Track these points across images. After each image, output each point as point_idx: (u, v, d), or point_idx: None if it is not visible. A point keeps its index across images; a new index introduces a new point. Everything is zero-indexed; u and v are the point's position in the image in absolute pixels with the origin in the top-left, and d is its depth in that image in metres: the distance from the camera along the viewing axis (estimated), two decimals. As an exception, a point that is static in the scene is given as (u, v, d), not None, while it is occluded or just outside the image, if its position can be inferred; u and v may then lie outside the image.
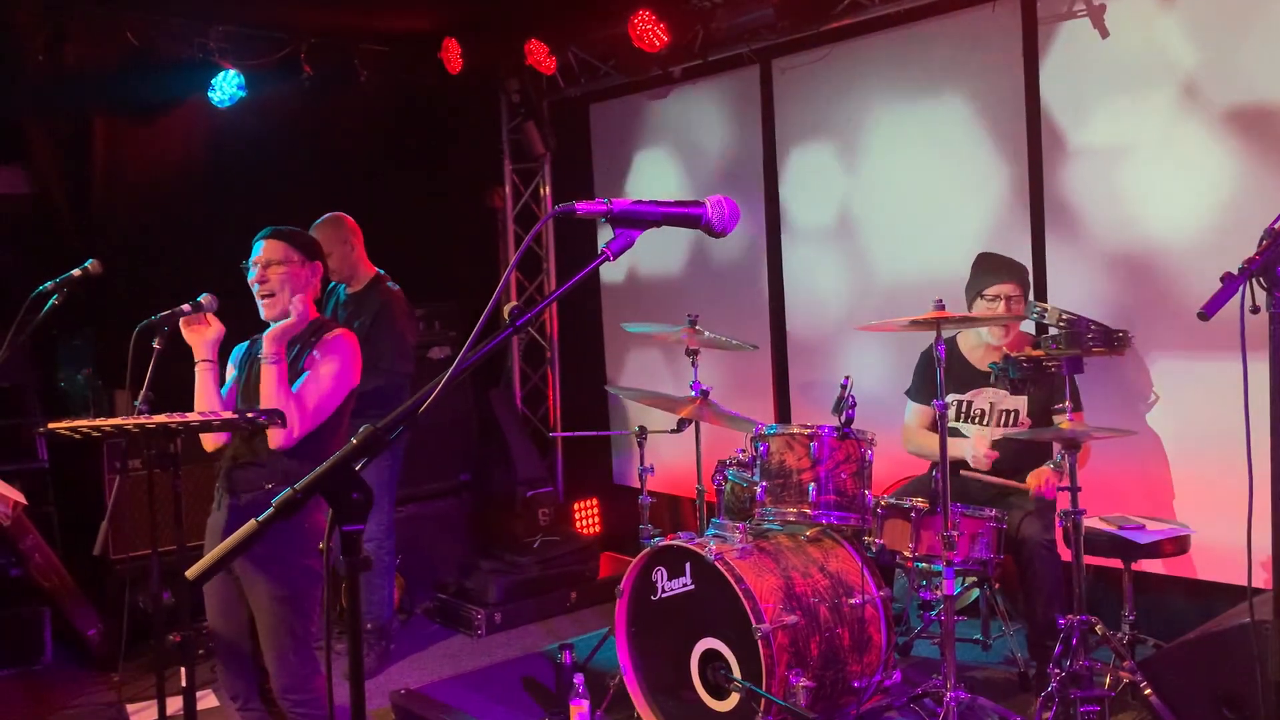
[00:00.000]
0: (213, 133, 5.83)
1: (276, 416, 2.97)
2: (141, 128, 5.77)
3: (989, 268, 4.19)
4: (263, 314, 3.19)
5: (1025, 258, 4.49)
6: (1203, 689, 3.35)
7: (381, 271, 4.88)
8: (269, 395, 3.02)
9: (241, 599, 3.18)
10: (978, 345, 4.26)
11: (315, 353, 3.14)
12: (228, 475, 3.20)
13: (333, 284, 4.87)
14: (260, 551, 3.04)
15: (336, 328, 3.24)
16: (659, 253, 6.31)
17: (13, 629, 4.86)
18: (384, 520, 4.87)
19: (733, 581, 3.38)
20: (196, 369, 3.17)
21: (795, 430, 3.72)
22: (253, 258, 3.18)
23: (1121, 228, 4.33)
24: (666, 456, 5.70)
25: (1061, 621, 3.54)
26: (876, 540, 3.70)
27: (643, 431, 4.46)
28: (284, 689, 3.14)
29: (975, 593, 4.65)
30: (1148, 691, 3.47)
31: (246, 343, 3.34)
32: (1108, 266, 4.36)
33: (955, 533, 3.50)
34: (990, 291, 4.10)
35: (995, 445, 4.08)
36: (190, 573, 1.50)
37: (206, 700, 4.50)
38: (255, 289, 3.17)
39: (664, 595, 3.67)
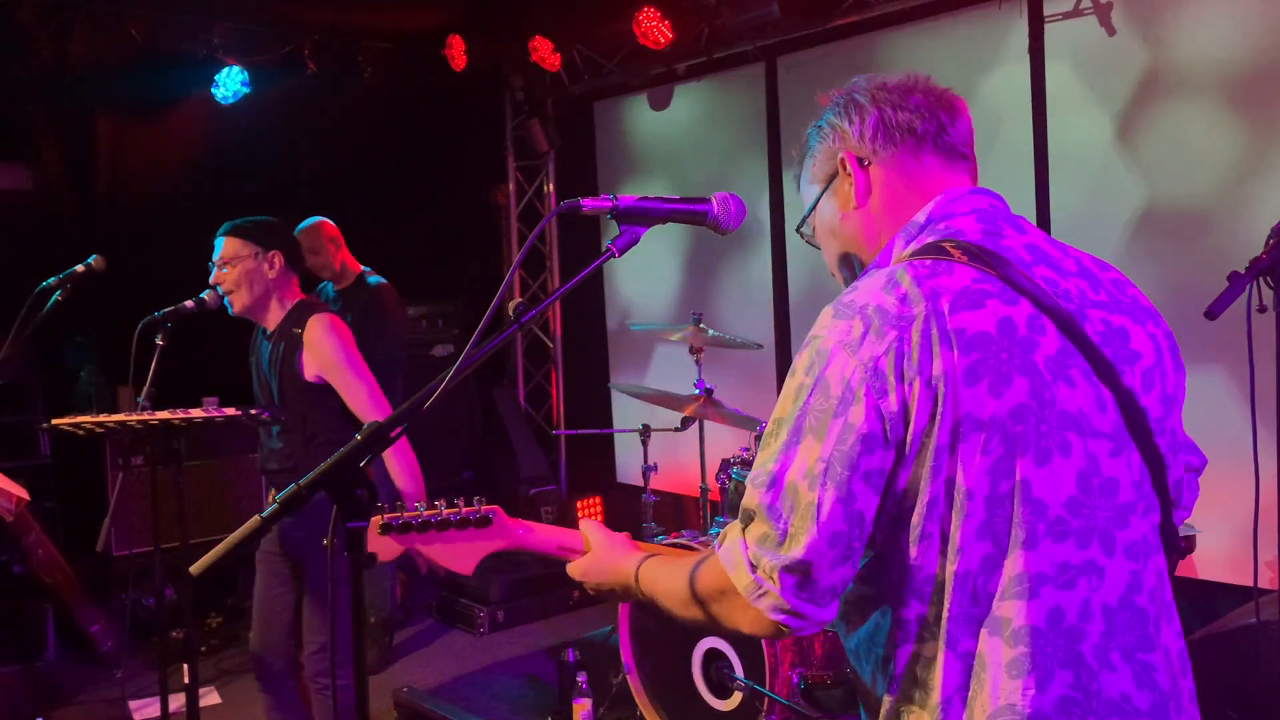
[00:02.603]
0: (216, 129, 5.83)
1: (280, 413, 2.97)
2: (145, 124, 5.77)
3: None
4: (230, 310, 3.21)
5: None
6: (1208, 690, 3.33)
7: (366, 269, 4.95)
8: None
9: (290, 582, 3.21)
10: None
11: (303, 355, 3.10)
12: (270, 474, 3.25)
13: (321, 284, 4.96)
14: (311, 538, 3.07)
15: (314, 314, 3.17)
16: (663, 250, 6.30)
17: (15, 625, 4.86)
18: None
19: (736, 580, 3.37)
20: None
21: (799, 429, 3.70)
22: (214, 257, 3.19)
23: (1126, 225, 4.32)
24: (670, 455, 5.69)
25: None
26: (880, 539, 3.68)
27: (646, 430, 4.45)
28: (317, 673, 3.18)
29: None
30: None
31: (265, 344, 3.30)
32: (1112, 264, 4.34)
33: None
34: None
35: None
36: (194, 568, 1.50)
37: (209, 697, 4.50)
38: (218, 289, 3.17)
39: (667, 593, 3.66)
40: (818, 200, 1.52)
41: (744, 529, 1.32)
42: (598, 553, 1.62)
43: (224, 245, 3.17)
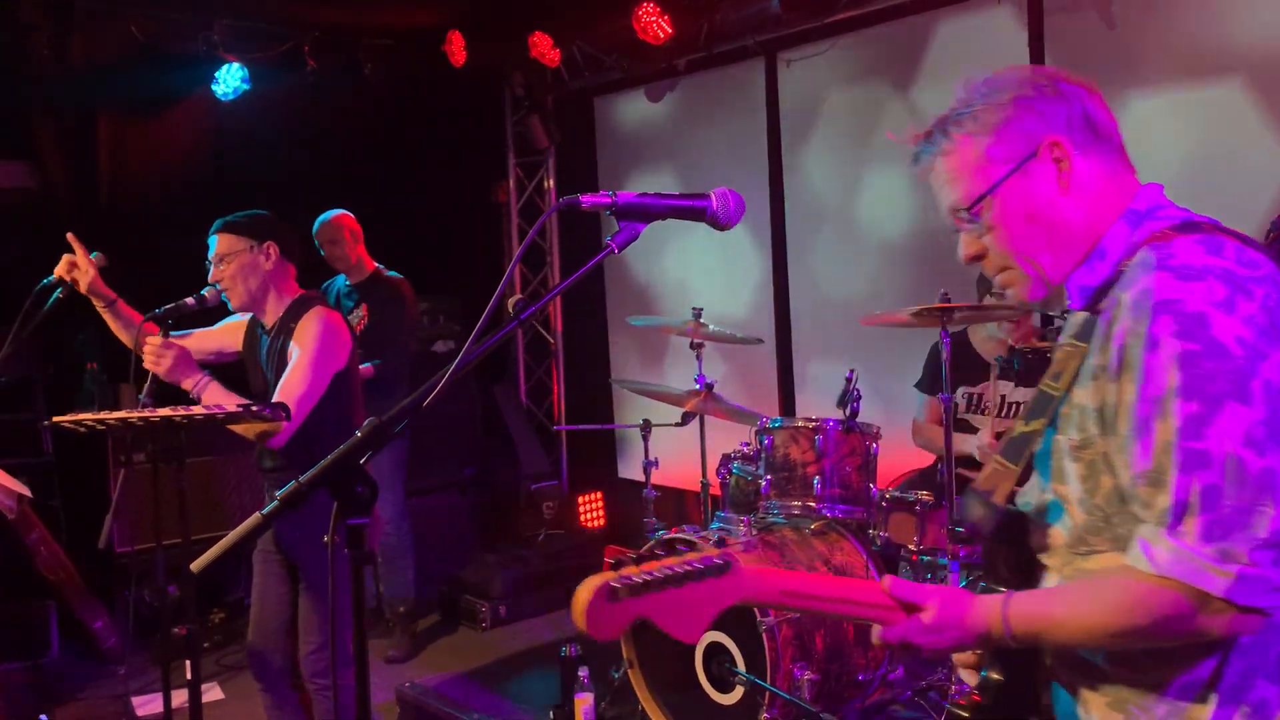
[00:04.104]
0: (217, 126, 5.84)
1: (282, 410, 2.97)
2: (146, 121, 5.78)
3: None
4: (229, 307, 3.20)
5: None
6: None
7: (380, 266, 5.02)
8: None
9: (286, 581, 3.22)
10: (989, 338, 4.25)
11: (293, 343, 3.09)
12: (267, 472, 3.25)
13: (328, 280, 5.02)
14: (306, 539, 3.07)
15: (313, 308, 3.14)
16: (664, 246, 6.29)
17: (18, 622, 4.87)
18: (398, 503, 5.03)
19: (737, 575, 3.37)
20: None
21: (800, 423, 3.71)
22: (209, 255, 3.17)
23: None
24: (671, 450, 5.68)
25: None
26: (881, 534, 3.69)
27: (647, 425, 4.46)
28: (314, 674, 3.18)
29: (981, 586, 4.64)
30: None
31: (265, 338, 3.27)
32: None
33: (961, 526, 3.49)
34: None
35: (999, 436, 4.07)
36: (195, 565, 1.50)
37: (212, 693, 4.51)
38: (216, 286, 3.14)
39: (668, 589, 3.66)
40: (1005, 179, 1.44)
41: (1176, 528, 1.24)
42: (942, 611, 1.44)
43: (218, 242, 3.15)
